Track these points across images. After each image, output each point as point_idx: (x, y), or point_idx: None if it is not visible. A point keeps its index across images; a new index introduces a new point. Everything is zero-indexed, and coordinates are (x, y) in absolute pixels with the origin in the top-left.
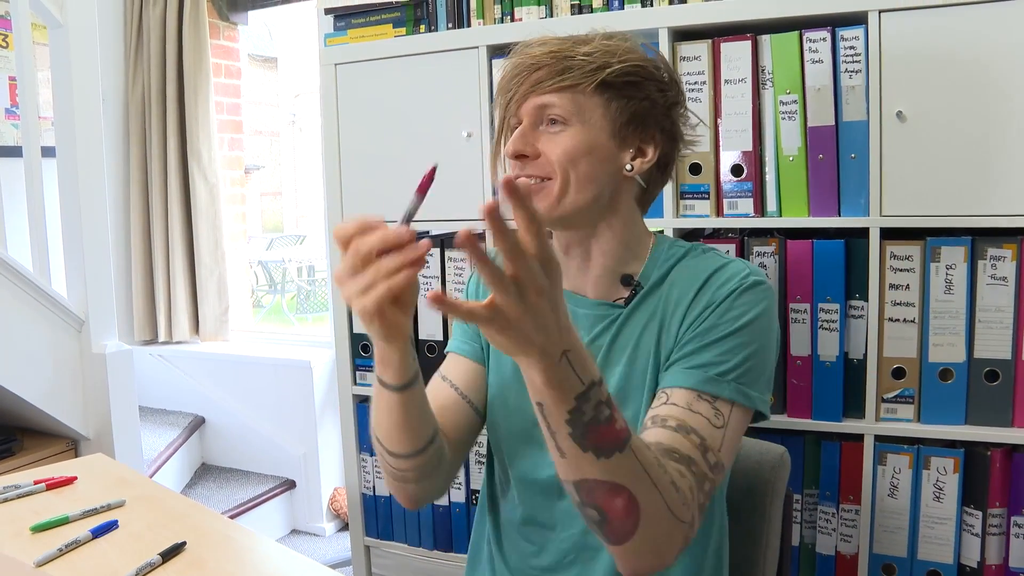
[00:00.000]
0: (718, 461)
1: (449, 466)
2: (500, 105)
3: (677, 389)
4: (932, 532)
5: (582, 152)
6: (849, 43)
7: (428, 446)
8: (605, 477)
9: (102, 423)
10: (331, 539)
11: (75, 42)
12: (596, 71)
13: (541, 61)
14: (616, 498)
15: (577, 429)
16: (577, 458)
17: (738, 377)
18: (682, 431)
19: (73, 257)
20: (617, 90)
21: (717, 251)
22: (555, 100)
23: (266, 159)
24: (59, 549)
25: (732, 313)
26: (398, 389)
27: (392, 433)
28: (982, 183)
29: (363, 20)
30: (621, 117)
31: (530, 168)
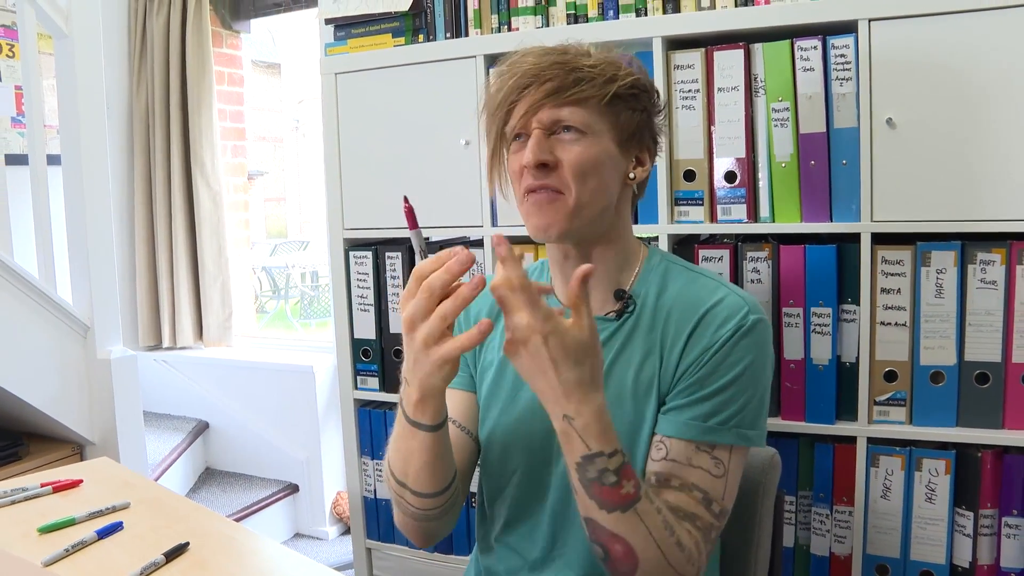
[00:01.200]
0: (722, 509)
1: (460, 500)
2: (498, 116)
3: (676, 440)
4: (924, 533)
5: (597, 164)
6: (840, 51)
7: (453, 482)
8: (607, 525)
9: (107, 428)
10: (334, 543)
11: (80, 52)
12: (607, 84)
13: (548, 72)
14: (617, 544)
15: (583, 480)
16: (585, 502)
17: (738, 423)
18: (684, 490)
19: (78, 264)
20: (624, 102)
21: (713, 275)
22: (570, 112)
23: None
24: (66, 550)
25: (731, 359)
26: (435, 428)
27: (422, 474)
28: (971, 189)
29: (363, 30)
30: (627, 129)
31: (548, 179)
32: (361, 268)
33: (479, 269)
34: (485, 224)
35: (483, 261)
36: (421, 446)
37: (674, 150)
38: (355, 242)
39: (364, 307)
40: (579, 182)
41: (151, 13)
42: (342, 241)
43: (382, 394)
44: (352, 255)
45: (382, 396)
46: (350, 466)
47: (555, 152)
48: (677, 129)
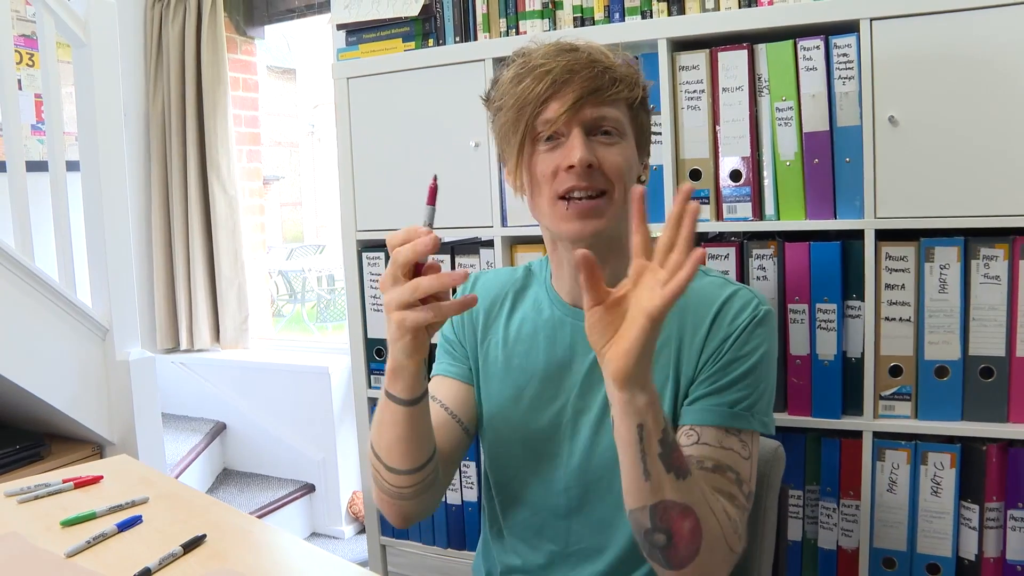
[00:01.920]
0: (750, 491)
1: (441, 485)
2: (524, 115)
3: (707, 427)
4: (931, 526)
5: (630, 165)
6: (842, 51)
7: (427, 463)
8: (680, 498)
9: (126, 428)
10: (350, 541)
11: (98, 60)
12: (635, 87)
13: (588, 71)
14: (685, 520)
15: (666, 449)
16: (660, 479)
17: (759, 409)
18: (719, 471)
19: (97, 268)
20: (643, 106)
21: (715, 272)
22: (610, 112)
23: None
24: (87, 542)
25: (748, 347)
26: (407, 403)
27: (394, 448)
28: (973, 184)
29: (374, 35)
30: (645, 132)
31: (592, 180)
32: (374, 268)
33: (488, 268)
34: (495, 225)
35: (493, 260)
36: (393, 419)
37: (680, 150)
38: (368, 243)
39: (377, 307)
40: (619, 184)
41: (167, 21)
42: (355, 242)
43: None
44: (365, 256)
45: None
46: (365, 465)
47: (596, 153)
48: (683, 129)
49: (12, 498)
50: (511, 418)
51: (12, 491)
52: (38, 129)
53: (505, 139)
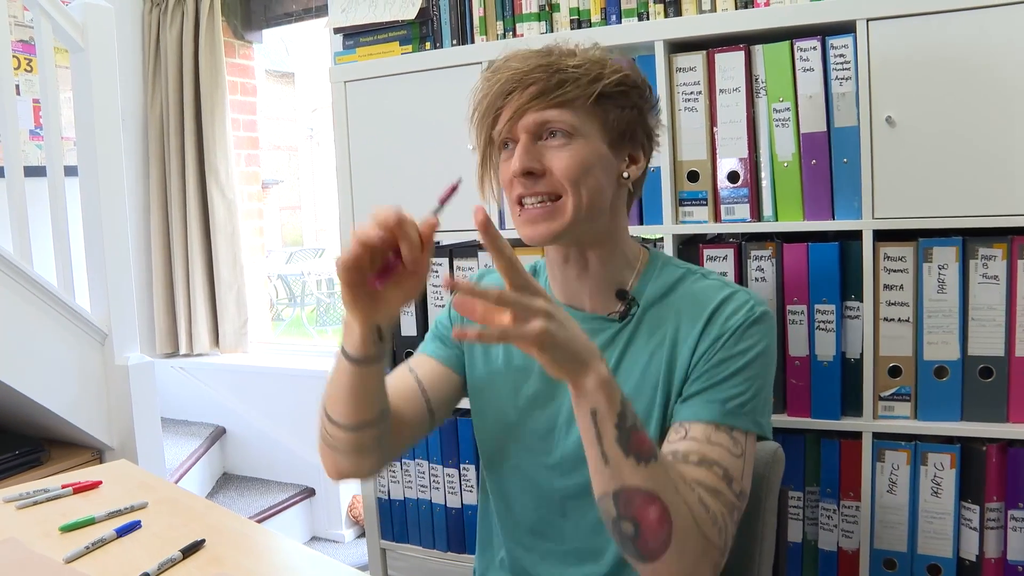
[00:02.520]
0: (742, 490)
1: (384, 453)
2: (485, 123)
3: (696, 423)
4: (931, 527)
5: (589, 165)
6: (839, 51)
7: (368, 425)
8: (643, 484)
9: (126, 433)
10: (350, 545)
11: (95, 65)
12: (592, 83)
13: (531, 76)
14: (651, 507)
15: (623, 433)
16: (619, 464)
17: (753, 408)
18: (704, 465)
19: (96, 272)
20: (611, 100)
21: (717, 275)
22: (556, 115)
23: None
24: (86, 547)
25: (742, 345)
26: (353, 361)
27: (337, 400)
28: (971, 185)
29: (371, 39)
30: (618, 127)
31: (539, 186)
32: None
33: (486, 270)
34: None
35: (490, 263)
36: (339, 372)
37: (677, 151)
38: None
39: None
40: (573, 185)
41: (164, 25)
42: None
43: None
44: None
45: None
46: None
47: (544, 159)
48: (680, 131)
49: (11, 504)
50: (508, 416)
51: (11, 497)
52: (36, 134)
53: (476, 147)
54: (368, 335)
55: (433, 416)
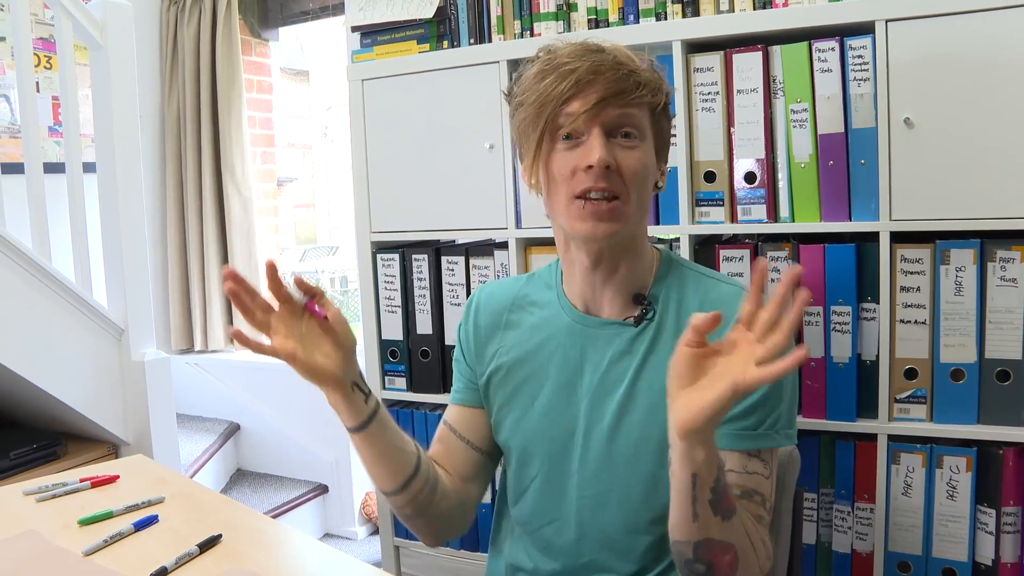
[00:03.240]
0: (772, 504)
1: (460, 503)
2: (544, 112)
3: (732, 453)
4: (946, 530)
5: (649, 170)
6: (857, 52)
7: (410, 481)
8: (723, 537)
9: (141, 428)
10: (363, 542)
11: (114, 63)
12: (658, 92)
13: (612, 72)
14: (726, 555)
15: (717, 496)
16: (707, 520)
17: (781, 426)
18: (747, 496)
19: (113, 268)
20: (664, 112)
21: (731, 280)
22: (636, 113)
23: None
24: (104, 540)
25: None
26: (353, 431)
27: (371, 471)
28: (989, 186)
29: (388, 37)
30: (664, 137)
31: (608, 182)
32: (388, 270)
33: (504, 271)
34: (510, 226)
35: (507, 262)
36: (356, 446)
37: (694, 152)
38: (382, 245)
39: (391, 309)
40: (635, 188)
41: (182, 23)
42: (369, 244)
43: (410, 394)
44: (379, 257)
45: (410, 396)
46: None
47: (615, 155)
48: (697, 131)
49: (30, 497)
50: (524, 425)
51: (30, 490)
52: (55, 131)
53: (524, 135)
54: (348, 396)
55: (485, 453)
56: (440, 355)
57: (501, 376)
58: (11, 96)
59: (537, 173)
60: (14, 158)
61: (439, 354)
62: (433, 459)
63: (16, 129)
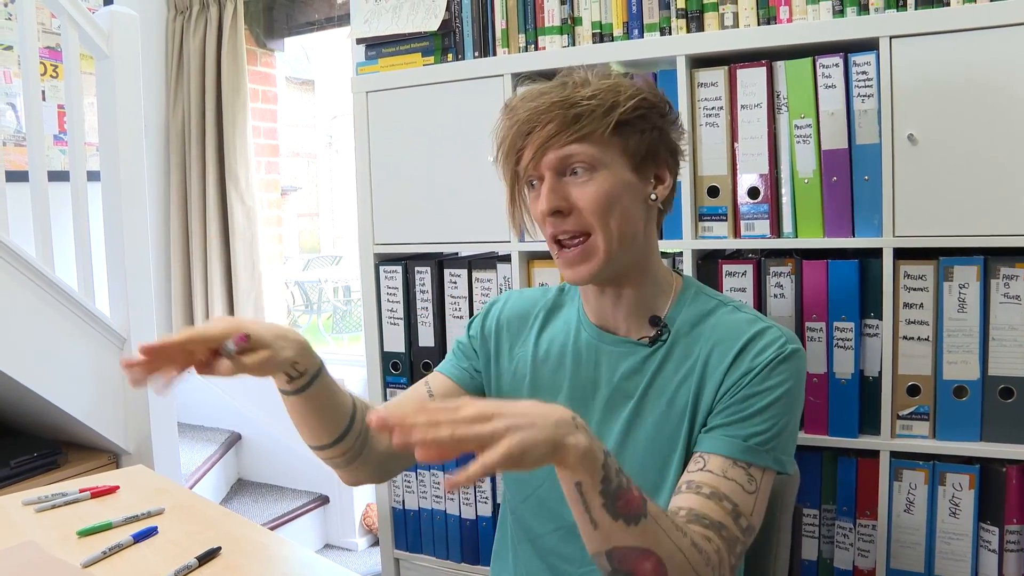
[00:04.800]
0: (749, 524)
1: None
2: (508, 164)
3: (715, 456)
4: (949, 548)
5: (615, 196)
6: (861, 68)
7: (337, 442)
8: (635, 542)
9: (142, 438)
10: (363, 554)
11: (120, 72)
12: (607, 113)
13: (548, 114)
14: (645, 561)
15: (608, 498)
16: (609, 527)
17: (775, 446)
18: (715, 498)
19: (116, 277)
20: (630, 126)
21: (750, 308)
22: (575, 149)
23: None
24: (103, 552)
25: (770, 383)
26: (286, 394)
27: (298, 428)
28: (994, 203)
29: (393, 49)
30: (640, 151)
31: (568, 224)
32: (391, 282)
33: (506, 284)
34: (513, 240)
35: (509, 276)
36: (286, 405)
37: (698, 166)
38: (385, 257)
39: (394, 321)
40: (601, 220)
41: (188, 33)
42: (372, 256)
43: None
44: (382, 269)
45: None
46: None
47: (570, 196)
48: (701, 146)
49: (30, 507)
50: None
51: (30, 500)
52: (60, 139)
53: (504, 182)
54: (279, 376)
55: None
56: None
57: (517, 380)
58: (17, 104)
59: (518, 220)
60: (19, 166)
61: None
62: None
63: (22, 137)
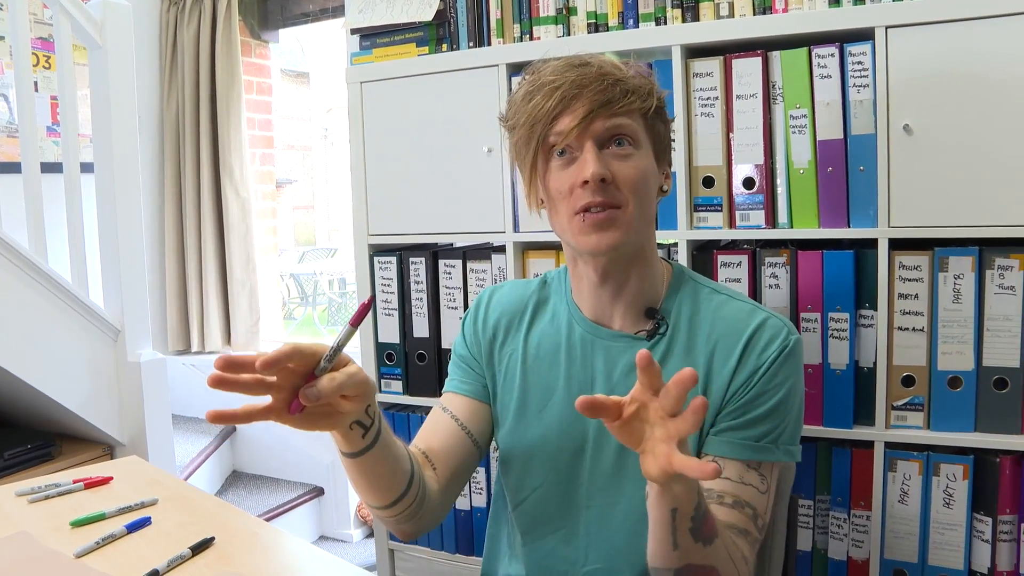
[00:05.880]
0: (764, 523)
1: (440, 503)
2: (536, 132)
3: (730, 461)
4: (942, 538)
5: (648, 176)
6: (857, 59)
7: (401, 498)
8: (705, 561)
9: (137, 429)
10: (358, 545)
11: (113, 63)
12: (648, 97)
13: (598, 83)
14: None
15: (697, 524)
16: (689, 548)
17: (784, 441)
18: (737, 507)
19: (110, 269)
20: (658, 115)
21: (744, 296)
22: (627, 122)
23: (299, 173)
24: (96, 542)
25: (777, 380)
26: (351, 456)
27: (361, 490)
28: (989, 194)
29: (388, 40)
30: (663, 142)
31: (603, 195)
32: (385, 273)
33: (501, 275)
34: (507, 230)
35: (504, 266)
36: (347, 468)
37: (693, 157)
38: (380, 247)
39: (388, 311)
40: (635, 196)
41: (182, 24)
42: (367, 246)
43: (406, 397)
44: (377, 260)
45: (406, 399)
46: None
47: (611, 166)
48: (696, 136)
49: (23, 498)
50: (531, 434)
51: (23, 491)
52: (53, 131)
53: (520, 157)
54: (347, 433)
55: (479, 448)
56: (437, 358)
57: (509, 379)
58: (10, 95)
59: (537, 193)
60: (12, 157)
61: (436, 357)
62: (425, 451)
63: (14, 128)
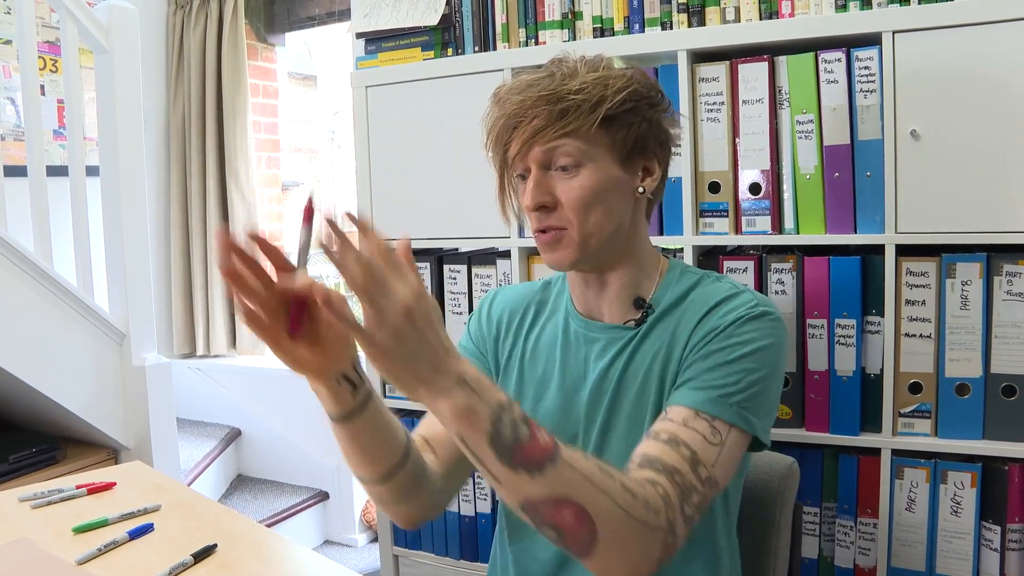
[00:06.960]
0: (710, 476)
1: (442, 488)
2: (497, 155)
3: (677, 407)
4: (950, 546)
5: (599, 192)
6: (864, 64)
7: (395, 472)
8: (545, 492)
9: (141, 433)
10: (363, 550)
11: (119, 66)
12: (594, 109)
13: (535, 109)
14: (564, 510)
15: (502, 451)
16: (511, 480)
17: (741, 401)
18: (671, 444)
19: (115, 272)
20: (618, 120)
21: (731, 280)
22: (560, 144)
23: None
24: (98, 549)
25: (737, 339)
26: (338, 421)
27: (351, 460)
28: (997, 200)
29: (393, 44)
30: (627, 145)
31: (551, 219)
32: None
33: (506, 280)
34: (512, 235)
35: (509, 271)
36: (336, 435)
37: (699, 162)
38: None
39: None
40: (581, 216)
41: (188, 27)
42: None
43: (409, 402)
44: None
45: (410, 404)
46: None
47: (555, 190)
48: (702, 141)
49: (26, 503)
50: None
51: (26, 496)
52: (60, 134)
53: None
54: (335, 389)
55: None
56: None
57: (511, 375)
58: (16, 99)
59: (511, 206)
60: (19, 160)
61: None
62: (425, 437)
63: (21, 132)
